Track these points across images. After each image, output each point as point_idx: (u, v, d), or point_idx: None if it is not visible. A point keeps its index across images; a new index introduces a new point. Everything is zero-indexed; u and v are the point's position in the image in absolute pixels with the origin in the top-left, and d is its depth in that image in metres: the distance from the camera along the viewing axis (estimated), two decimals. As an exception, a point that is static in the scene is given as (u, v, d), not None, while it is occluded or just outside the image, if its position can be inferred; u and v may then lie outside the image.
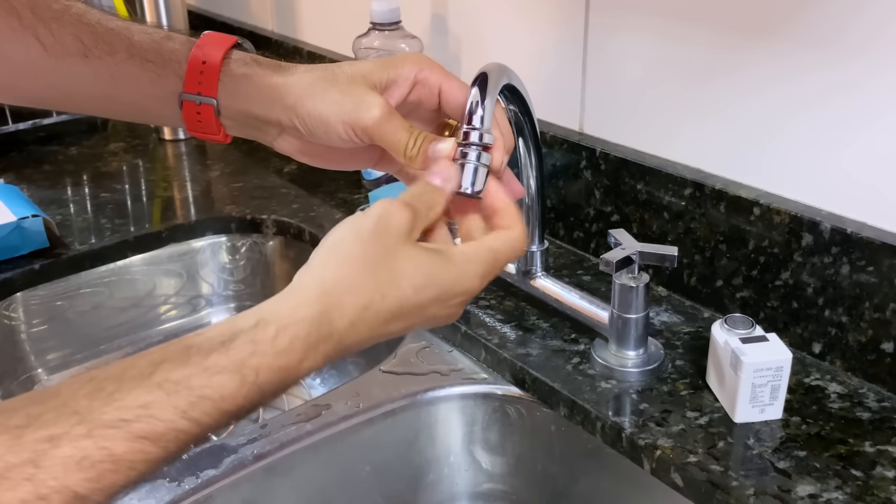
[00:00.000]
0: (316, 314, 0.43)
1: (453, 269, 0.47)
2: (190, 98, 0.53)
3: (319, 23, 1.30)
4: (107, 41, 0.54)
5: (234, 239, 1.06)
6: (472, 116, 0.67)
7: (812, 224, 0.69)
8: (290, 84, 0.52)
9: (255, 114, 0.53)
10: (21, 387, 0.96)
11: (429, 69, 0.54)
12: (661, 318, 0.79)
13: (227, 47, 0.53)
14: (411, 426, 0.76)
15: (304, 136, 0.53)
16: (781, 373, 0.63)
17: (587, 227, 0.90)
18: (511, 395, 0.75)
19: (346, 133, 0.52)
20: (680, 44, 0.78)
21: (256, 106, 0.53)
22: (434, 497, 0.79)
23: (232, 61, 0.53)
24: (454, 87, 0.54)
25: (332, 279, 0.44)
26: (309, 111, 0.52)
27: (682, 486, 0.61)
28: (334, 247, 0.45)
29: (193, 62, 0.53)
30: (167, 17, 1.26)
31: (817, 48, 0.68)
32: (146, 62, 0.54)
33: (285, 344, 0.42)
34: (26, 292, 0.95)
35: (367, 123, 0.51)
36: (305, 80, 0.53)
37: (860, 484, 0.58)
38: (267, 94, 0.53)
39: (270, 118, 0.53)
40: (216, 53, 0.53)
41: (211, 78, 0.53)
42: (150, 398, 0.38)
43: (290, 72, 0.53)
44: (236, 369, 0.40)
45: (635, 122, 0.85)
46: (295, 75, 0.53)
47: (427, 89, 0.54)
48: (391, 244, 0.45)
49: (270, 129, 0.54)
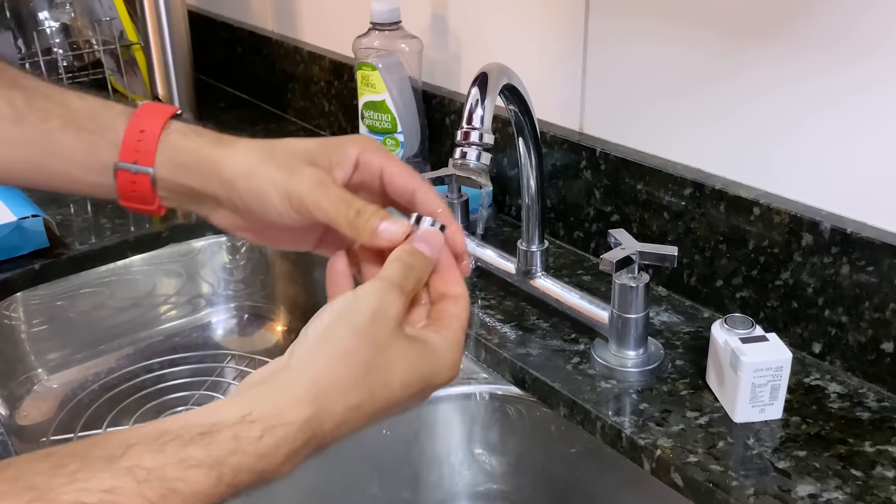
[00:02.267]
0: (306, 417, 0.41)
1: (437, 363, 0.46)
2: (125, 167, 0.51)
3: (319, 23, 1.30)
4: (41, 107, 0.52)
5: (235, 239, 1.06)
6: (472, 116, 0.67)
7: (812, 224, 0.69)
8: (229, 158, 0.50)
9: (192, 186, 0.51)
10: (21, 387, 0.96)
11: (371, 151, 0.52)
12: (661, 318, 0.79)
13: (166, 117, 0.52)
14: (411, 426, 0.76)
15: (240, 210, 0.51)
16: (781, 373, 0.63)
17: (587, 227, 0.90)
18: (511, 395, 0.75)
19: (283, 205, 0.49)
20: (680, 44, 0.78)
21: (193, 178, 0.51)
22: (434, 497, 0.79)
23: (171, 131, 0.51)
24: (396, 171, 0.52)
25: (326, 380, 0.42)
26: (246, 185, 0.50)
27: (682, 486, 0.61)
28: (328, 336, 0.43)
29: (131, 130, 0.51)
30: (167, 17, 1.26)
31: (817, 49, 0.68)
32: (81, 130, 0.52)
33: (270, 447, 0.39)
34: (26, 292, 0.95)
35: (302, 193, 0.48)
36: (244, 154, 0.50)
37: (860, 484, 0.58)
38: (204, 167, 0.51)
39: (207, 191, 0.51)
40: (156, 122, 0.51)
41: (148, 147, 0.51)
42: (117, 483, 0.35)
43: (229, 145, 0.51)
44: (214, 466, 0.38)
45: (635, 122, 0.85)
46: (234, 149, 0.51)
47: (369, 172, 0.52)
48: (385, 340, 0.44)
49: (207, 203, 0.52)
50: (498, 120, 0.94)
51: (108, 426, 0.92)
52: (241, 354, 1.04)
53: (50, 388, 0.98)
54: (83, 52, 1.38)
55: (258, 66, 1.45)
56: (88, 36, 1.37)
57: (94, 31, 1.33)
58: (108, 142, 0.51)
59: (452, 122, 1.05)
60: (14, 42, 1.32)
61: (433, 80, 1.09)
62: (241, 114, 1.44)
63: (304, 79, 1.32)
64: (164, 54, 1.28)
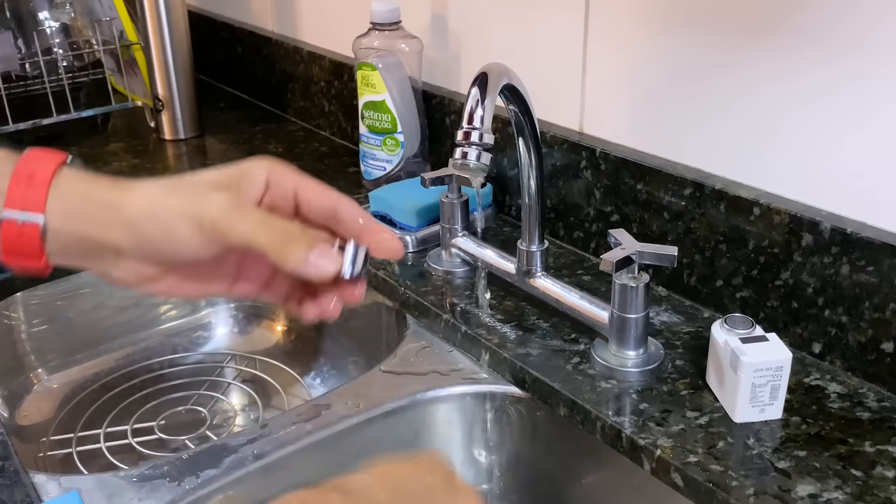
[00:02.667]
0: None
1: None
2: (11, 216, 0.45)
3: (319, 23, 1.30)
4: None
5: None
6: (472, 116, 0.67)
7: (812, 224, 0.69)
8: (129, 197, 0.46)
9: (88, 235, 0.46)
10: (21, 387, 0.96)
11: (281, 172, 0.49)
12: (661, 318, 0.79)
13: (58, 162, 0.47)
14: (411, 426, 0.76)
15: (147, 254, 0.47)
16: (781, 373, 0.63)
17: (587, 227, 0.90)
18: (511, 395, 0.75)
19: (194, 235, 0.45)
20: (679, 44, 0.78)
21: (90, 226, 0.46)
22: (434, 497, 0.79)
23: (63, 177, 0.46)
24: (312, 188, 0.49)
25: None
26: (151, 222, 0.46)
27: (682, 486, 0.61)
28: None
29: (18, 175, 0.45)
30: (167, 17, 1.26)
31: (817, 48, 0.68)
32: None
33: None
34: (26, 292, 0.95)
35: (214, 217, 0.45)
36: (145, 191, 0.47)
37: (860, 484, 0.58)
38: (103, 211, 0.46)
39: (106, 240, 0.47)
40: (46, 167, 0.46)
41: (38, 193, 0.45)
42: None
43: (128, 186, 0.47)
44: None
45: (635, 122, 0.85)
46: (133, 189, 0.47)
47: (281, 191, 0.49)
48: None
49: (106, 254, 0.47)
50: (498, 120, 0.94)
51: (108, 426, 0.92)
52: (241, 354, 1.04)
53: (50, 388, 0.98)
54: (83, 52, 1.38)
55: (258, 66, 1.45)
56: (88, 36, 1.37)
57: (94, 31, 1.33)
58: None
59: (452, 122, 1.05)
60: (14, 42, 1.31)
61: (433, 80, 1.09)
62: (241, 114, 1.44)
63: (304, 79, 1.32)
64: (164, 54, 1.28)
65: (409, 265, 0.91)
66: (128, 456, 0.88)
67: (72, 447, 0.89)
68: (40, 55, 1.27)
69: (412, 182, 0.99)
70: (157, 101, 1.31)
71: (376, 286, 0.90)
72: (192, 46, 1.31)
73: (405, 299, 0.86)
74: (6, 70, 1.29)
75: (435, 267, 0.89)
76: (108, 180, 0.48)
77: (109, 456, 0.88)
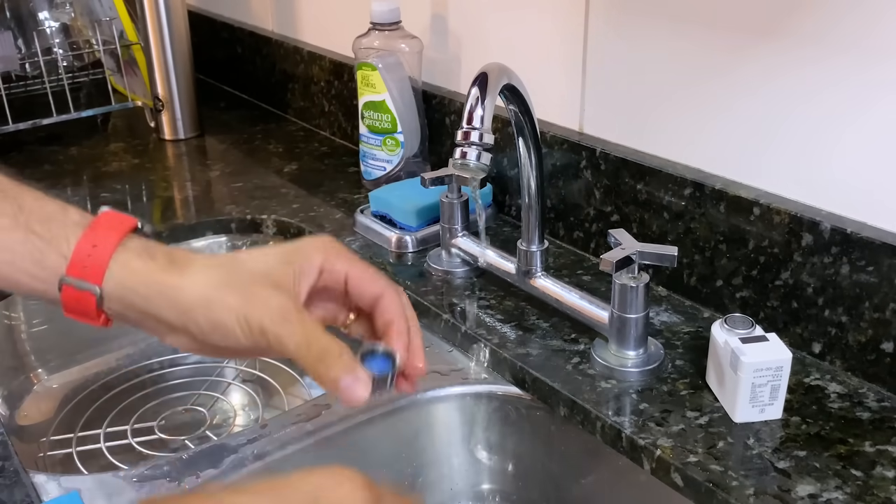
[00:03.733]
0: None
1: None
2: (71, 283, 0.48)
3: (319, 23, 1.30)
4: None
5: (234, 239, 1.06)
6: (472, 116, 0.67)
7: (812, 224, 0.69)
8: (185, 286, 0.48)
9: (144, 310, 0.49)
10: (21, 387, 0.96)
11: (335, 256, 0.52)
12: (661, 318, 0.79)
13: (123, 232, 0.49)
14: (411, 426, 0.76)
15: (197, 338, 0.49)
16: (781, 373, 0.63)
17: (587, 227, 0.90)
18: (511, 395, 0.75)
19: (243, 334, 0.48)
20: (679, 43, 0.78)
21: (145, 302, 0.48)
22: (434, 497, 0.79)
23: (126, 249, 0.48)
24: (360, 275, 0.52)
25: None
26: (204, 315, 0.48)
27: (682, 486, 0.61)
28: None
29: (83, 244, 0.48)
30: (167, 17, 1.27)
31: (817, 49, 0.68)
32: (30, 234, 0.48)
33: None
34: (26, 292, 0.95)
35: (263, 324, 0.47)
36: (201, 281, 0.48)
37: (860, 484, 0.58)
38: (158, 293, 0.48)
39: (160, 316, 0.48)
40: (110, 238, 0.48)
41: (98, 264, 0.48)
42: None
43: (184, 269, 0.49)
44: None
45: (635, 122, 0.85)
46: (190, 276, 0.48)
47: (333, 277, 0.52)
48: None
49: (160, 327, 0.50)
50: (498, 120, 0.94)
51: (107, 426, 0.92)
52: (241, 354, 1.04)
53: (50, 388, 0.98)
54: (83, 52, 1.38)
55: (258, 66, 1.45)
56: (88, 36, 1.37)
57: (94, 31, 1.33)
58: (58, 252, 0.48)
59: (452, 122, 1.05)
60: (14, 42, 1.31)
61: (433, 80, 1.09)
62: (241, 114, 1.44)
63: (304, 79, 1.32)
64: (164, 54, 1.28)
65: (409, 265, 0.91)
66: (128, 456, 0.88)
67: (72, 447, 0.89)
68: (40, 55, 1.27)
69: (412, 182, 0.99)
70: (157, 101, 1.31)
71: (376, 286, 0.90)
72: (192, 46, 1.31)
73: (405, 299, 0.86)
74: (6, 70, 1.29)
75: (435, 267, 0.89)
76: (166, 258, 0.49)
77: (109, 456, 0.88)
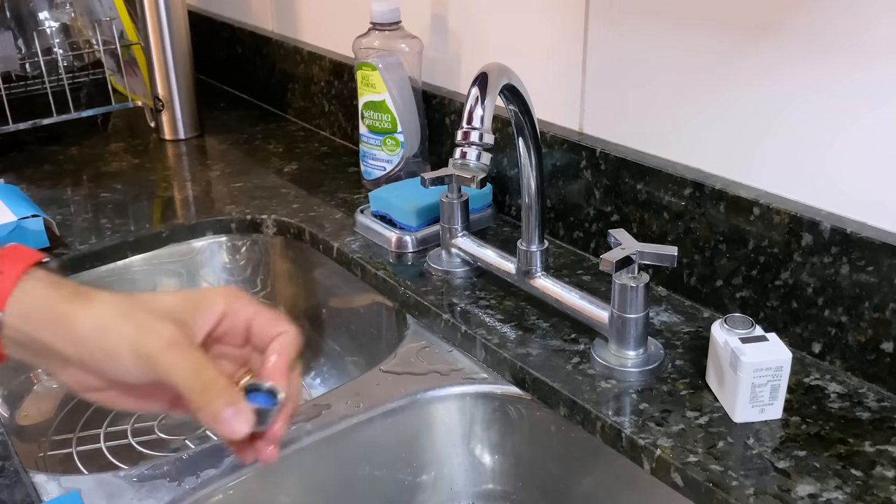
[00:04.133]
0: None
1: None
2: None
3: (319, 23, 1.30)
4: None
5: (235, 239, 1.06)
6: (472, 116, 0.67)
7: (812, 224, 0.69)
8: (83, 316, 0.49)
9: (41, 339, 0.49)
10: (21, 387, 0.96)
11: (238, 302, 0.52)
12: (661, 318, 0.79)
13: (29, 263, 0.50)
14: (411, 426, 0.76)
15: (90, 370, 0.49)
16: (781, 373, 0.63)
17: (587, 227, 0.90)
18: (511, 395, 0.75)
19: (133, 364, 0.48)
20: (680, 44, 0.78)
21: (44, 333, 0.49)
22: (434, 497, 0.79)
23: (31, 278, 0.50)
24: (264, 319, 0.52)
25: None
26: (99, 345, 0.48)
27: (682, 486, 0.61)
28: None
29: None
30: (167, 17, 1.26)
31: (817, 49, 0.68)
32: None
33: None
34: (26, 292, 0.95)
35: (152, 352, 0.47)
36: (100, 313, 0.49)
37: (860, 484, 0.58)
38: (56, 322, 0.49)
39: (56, 347, 0.49)
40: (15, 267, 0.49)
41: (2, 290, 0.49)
42: None
43: (86, 300, 0.49)
44: None
45: (635, 122, 0.85)
46: (89, 305, 0.49)
47: (235, 322, 0.52)
48: None
49: (55, 359, 0.50)
50: (498, 120, 0.94)
51: (107, 426, 0.92)
52: (241, 354, 1.04)
53: (50, 388, 0.98)
54: (83, 52, 1.38)
55: (258, 66, 1.45)
56: (88, 36, 1.37)
57: (94, 31, 1.33)
58: None
59: (452, 122, 1.05)
60: (14, 42, 1.31)
61: (433, 80, 1.09)
62: (241, 114, 1.44)
63: (304, 79, 1.32)
64: (164, 54, 1.28)
65: (409, 265, 0.91)
66: (128, 456, 0.88)
67: (72, 447, 0.89)
68: (40, 55, 1.27)
69: (412, 182, 0.99)
70: (157, 101, 1.31)
71: (376, 286, 0.90)
72: (192, 46, 1.31)
73: (405, 299, 0.86)
74: (6, 70, 1.29)
75: (435, 267, 0.89)
76: (72, 289, 0.50)
77: (109, 456, 0.88)
